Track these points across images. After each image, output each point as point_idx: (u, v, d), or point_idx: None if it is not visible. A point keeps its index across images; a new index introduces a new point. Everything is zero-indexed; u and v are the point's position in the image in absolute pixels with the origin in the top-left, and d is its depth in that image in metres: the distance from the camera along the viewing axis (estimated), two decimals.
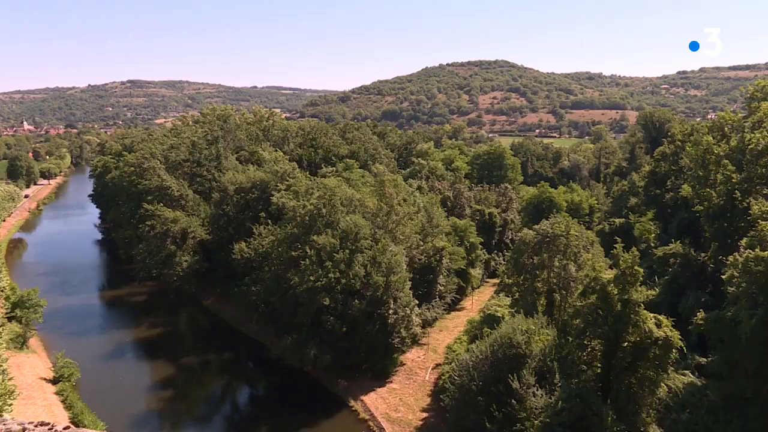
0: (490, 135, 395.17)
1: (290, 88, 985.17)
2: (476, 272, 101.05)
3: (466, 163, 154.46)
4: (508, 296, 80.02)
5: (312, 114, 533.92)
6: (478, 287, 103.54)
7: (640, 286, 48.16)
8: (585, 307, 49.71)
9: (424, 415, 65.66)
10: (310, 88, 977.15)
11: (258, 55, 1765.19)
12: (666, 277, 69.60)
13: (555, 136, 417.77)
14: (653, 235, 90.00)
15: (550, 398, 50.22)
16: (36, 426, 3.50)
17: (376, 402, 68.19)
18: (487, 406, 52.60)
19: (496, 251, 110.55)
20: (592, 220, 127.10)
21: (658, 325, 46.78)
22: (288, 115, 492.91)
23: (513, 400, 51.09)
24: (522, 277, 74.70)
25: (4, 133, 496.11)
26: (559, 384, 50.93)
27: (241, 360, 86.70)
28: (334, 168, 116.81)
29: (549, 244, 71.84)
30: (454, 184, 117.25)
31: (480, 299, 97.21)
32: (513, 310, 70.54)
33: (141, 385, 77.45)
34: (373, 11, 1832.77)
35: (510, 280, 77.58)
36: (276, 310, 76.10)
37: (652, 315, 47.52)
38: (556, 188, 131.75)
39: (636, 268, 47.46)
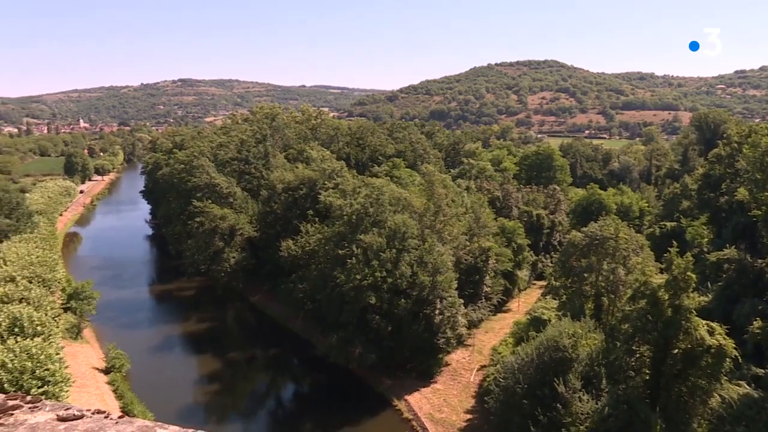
0: (538, 135, 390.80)
1: (338, 88, 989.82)
2: (523, 274, 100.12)
3: (515, 163, 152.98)
4: (555, 299, 79.03)
5: (360, 113, 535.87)
6: (525, 289, 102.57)
7: (692, 291, 46.99)
8: (634, 312, 48.70)
9: (468, 416, 65.34)
10: (358, 87, 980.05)
11: (306, 54, 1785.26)
12: (719, 284, 67.73)
13: (605, 137, 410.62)
14: (706, 239, 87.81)
15: (597, 404, 49.39)
16: (93, 413, 3.62)
17: (420, 402, 68.08)
18: (531, 410, 52.02)
19: (543, 253, 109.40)
20: (642, 224, 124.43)
21: (711, 333, 45.51)
22: (336, 114, 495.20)
23: (558, 405, 50.40)
24: (570, 280, 73.69)
25: (62, 130, 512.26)
26: (606, 389, 50.06)
27: (286, 357, 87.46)
28: (385, 167, 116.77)
29: (597, 247, 70.68)
30: (503, 184, 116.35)
31: (527, 301, 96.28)
32: (560, 313, 69.53)
33: (188, 378, 78.85)
34: (423, 10, 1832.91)
35: (557, 283, 76.63)
36: (322, 308, 76.48)
37: (704, 322, 46.25)
38: (605, 190, 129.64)
39: (689, 273, 46.31)
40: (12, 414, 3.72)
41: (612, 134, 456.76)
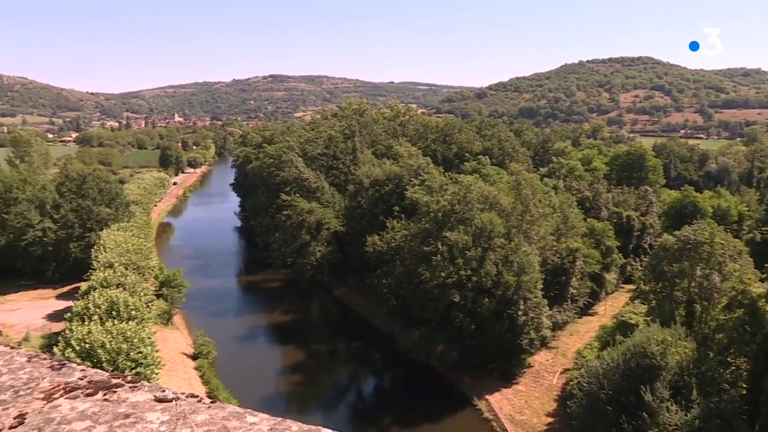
0: (631, 135, 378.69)
1: (426, 84, 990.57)
2: (611, 277, 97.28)
3: (605, 163, 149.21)
4: (644, 303, 76.59)
5: (448, 110, 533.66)
6: (613, 292, 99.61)
7: None
8: (730, 322, 46.69)
9: (549, 420, 64.18)
10: (446, 84, 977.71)
11: (395, 50, 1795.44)
12: None
13: (702, 137, 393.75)
14: None
15: (686, 415, 47.51)
16: (187, 397, 3.80)
17: (500, 402, 67.35)
18: (615, 417, 50.56)
19: (632, 256, 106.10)
20: (741, 229, 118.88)
21: None
22: (424, 110, 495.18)
23: (644, 413, 48.76)
24: (660, 285, 71.30)
25: (158, 124, 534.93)
26: (697, 401, 48.10)
27: (368, 351, 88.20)
28: (472, 164, 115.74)
29: (691, 252, 68.02)
30: (593, 184, 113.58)
31: (614, 305, 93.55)
32: (649, 319, 67.37)
33: (272, 367, 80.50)
34: (512, 7, 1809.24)
35: (647, 287, 74.30)
36: (405, 304, 76.68)
37: None
38: (701, 192, 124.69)
39: None
40: (115, 392, 3.89)
41: (710, 134, 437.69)
